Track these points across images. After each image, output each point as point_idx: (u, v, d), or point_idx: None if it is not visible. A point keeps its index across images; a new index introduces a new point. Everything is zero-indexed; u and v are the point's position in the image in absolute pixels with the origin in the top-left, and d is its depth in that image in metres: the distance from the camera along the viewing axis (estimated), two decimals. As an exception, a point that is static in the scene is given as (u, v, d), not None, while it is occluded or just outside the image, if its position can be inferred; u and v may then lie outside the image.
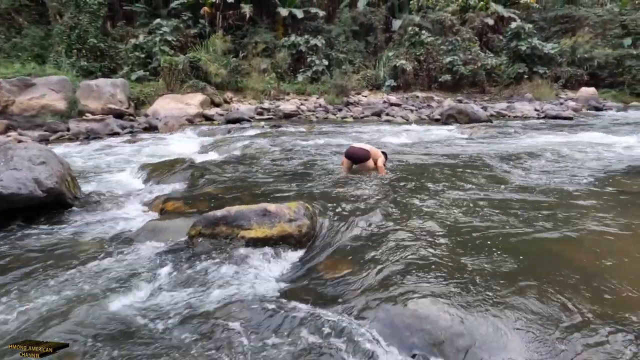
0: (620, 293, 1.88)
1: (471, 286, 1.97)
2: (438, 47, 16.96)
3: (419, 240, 2.51)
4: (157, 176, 4.56)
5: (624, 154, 5.61)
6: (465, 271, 2.12)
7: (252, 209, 2.78)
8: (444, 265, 2.19)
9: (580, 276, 2.04)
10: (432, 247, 2.41)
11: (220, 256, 2.48)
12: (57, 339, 1.71)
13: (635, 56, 17.84)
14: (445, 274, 2.09)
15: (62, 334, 1.75)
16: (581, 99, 15.69)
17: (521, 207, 3.15)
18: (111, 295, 2.07)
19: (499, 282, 2.00)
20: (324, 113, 13.57)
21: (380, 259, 2.31)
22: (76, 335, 1.74)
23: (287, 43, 16.68)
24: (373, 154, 4.45)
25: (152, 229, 2.84)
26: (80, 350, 1.66)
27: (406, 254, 2.33)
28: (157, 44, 14.25)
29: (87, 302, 2.00)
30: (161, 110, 11.80)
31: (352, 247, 2.54)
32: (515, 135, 7.97)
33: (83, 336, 1.74)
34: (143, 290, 2.12)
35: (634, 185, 3.81)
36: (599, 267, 2.12)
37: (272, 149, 6.45)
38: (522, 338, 1.63)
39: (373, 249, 2.46)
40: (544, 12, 20.83)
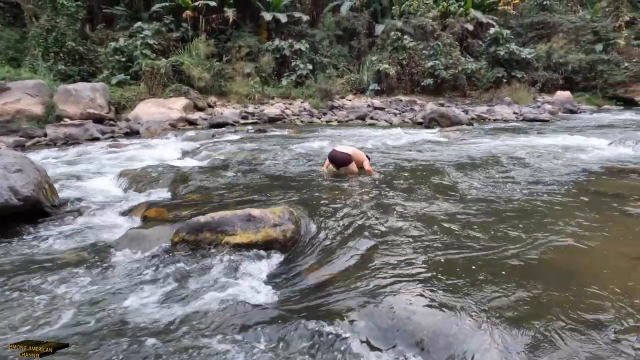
0: (595, 292, 1.96)
1: (452, 287, 2.02)
2: (420, 52, 17.27)
3: (402, 243, 2.55)
4: (138, 182, 4.48)
5: (597, 156, 5.83)
6: (447, 272, 2.17)
7: (236, 215, 2.77)
8: (427, 267, 2.23)
9: (557, 275, 2.12)
10: (414, 249, 2.46)
11: (204, 263, 2.46)
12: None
13: (606, 61, 18.61)
14: (427, 275, 2.14)
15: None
16: (557, 102, 16.25)
17: (500, 208, 3.25)
18: (90, 306, 2.02)
19: (479, 283, 2.06)
20: (308, 117, 13.60)
21: (364, 262, 2.34)
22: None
23: (271, 47, 16.67)
24: (356, 157, 4.49)
25: (133, 237, 2.79)
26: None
27: (389, 257, 2.37)
28: (138, 48, 14.00)
29: (64, 314, 1.95)
30: (143, 115, 11.58)
31: (336, 251, 2.56)
32: (495, 138, 8.18)
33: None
34: (123, 300, 2.08)
35: (607, 186, 3.98)
36: (575, 267, 2.21)
37: (256, 153, 6.43)
38: (500, 335, 1.68)
39: (357, 252, 2.49)
40: (521, 19, 21.50)
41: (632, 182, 4.06)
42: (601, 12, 20.61)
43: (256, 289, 2.24)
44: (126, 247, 2.68)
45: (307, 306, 2.04)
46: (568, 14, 20.90)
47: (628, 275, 2.10)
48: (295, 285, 2.31)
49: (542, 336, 1.66)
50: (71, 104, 10.77)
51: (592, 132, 8.28)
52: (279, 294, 2.19)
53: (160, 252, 2.60)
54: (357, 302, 1.98)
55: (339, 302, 2.02)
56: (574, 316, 1.76)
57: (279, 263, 2.59)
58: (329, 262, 2.46)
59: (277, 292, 2.21)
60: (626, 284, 2.00)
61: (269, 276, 2.43)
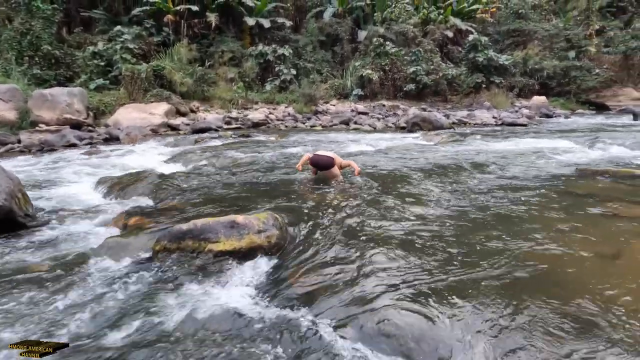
0: (570, 292, 2.02)
1: (437, 292, 2.04)
2: (402, 58, 17.58)
3: (387, 249, 2.57)
4: (118, 190, 4.37)
5: (572, 158, 6.05)
6: (431, 277, 2.20)
7: (219, 221, 2.73)
8: (411, 272, 2.25)
9: (534, 276, 2.17)
10: (399, 255, 2.48)
11: (186, 271, 2.41)
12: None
13: (579, 67, 19.41)
14: (412, 281, 2.16)
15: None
16: (534, 107, 16.80)
17: (479, 211, 3.32)
18: (66, 320, 1.94)
19: (462, 288, 2.09)
20: (293, 122, 13.60)
21: (349, 268, 2.34)
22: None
23: (255, 52, 16.64)
24: (337, 161, 4.52)
25: (112, 246, 2.71)
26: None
27: (374, 262, 2.38)
28: (117, 52, 13.73)
29: (39, 328, 1.87)
30: (123, 120, 11.33)
31: (321, 257, 2.56)
32: (475, 142, 8.38)
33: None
34: (99, 313, 2.01)
35: (581, 187, 4.12)
36: (551, 268, 2.27)
37: (240, 158, 6.38)
38: (483, 339, 1.71)
39: (342, 258, 2.49)
40: (498, 26, 22.21)
41: (604, 184, 4.23)
42: (573, 21, 21.51)
43: (240, 297, 2.21)
44: (104, 257, 2.60)
45: (293, 314, 2.03)
46: (542, 22, 21.70)
47: (601, 274, 2.17)
48: (280, 292, 2.28)
49: (522, 337, 1.69)
50: (47, 109, 10.43)
51: (567, 136, 8.58)
52: (264, 302, 2.16)
53: (141, 261, 2.53)
54: (343, 309, 1.98)
55: (324, 309, 2.01)
56: (551, 316, 1.81)
57: (263, 270, 2.56)
58: (315, 268, 2.45)
59: (262, 300, 2.19)
60: (599, 283, 2.07)
61: (253, 284, 2.40)
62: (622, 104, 18.40)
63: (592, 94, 19.49)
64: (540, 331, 1.72)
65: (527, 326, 1.76)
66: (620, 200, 3.52)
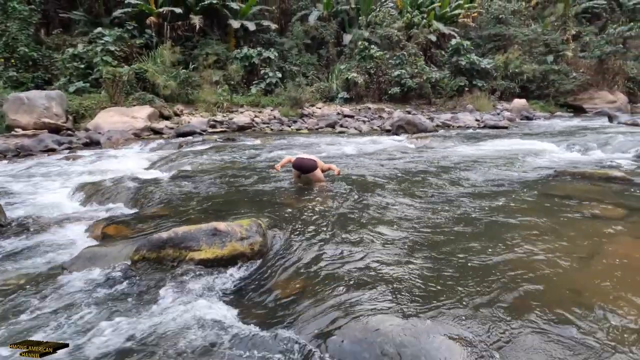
0: (549, 292, 2.06)
1: (419, 296, 2.05)
2: (387, 61, 17.76)
3: (370, 253, 2.57)
4: (97, 197, 4.25)
5: (550, 160, 6.22)
6: (414, 281, 2.21)
7: (201, 229, 2.69)
8: (394, 277, 2.26)
9: (514, 277, 2.21)
10: (382, 259, 2.48)
11: (166, 281, 2.36)
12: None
13: (557, 71, 20.00)
14: (395, 286, 2.16)
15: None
16: (515, 110, 17.22)
17: (461, 214, 3.36)
18: (33, 335, 1.86)
19: (444, 291, 2.10)
20: (278, 125, 13.55)
21: (332, 274, 2.34)
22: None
23: (240, 55, 16.53)
24: (320, 163, 4.54)
25: (89, 257, 2.63)
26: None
27: (357, 268, 2.38)
28: (98, 54, 13.41)
29: (4, 343, 1.79)
30: (104, 124, 11.07)
31: (304, 263, 2.54)
32: (458, 144, 8.52)
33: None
34: (74, 326, 1.94)
35: (559, 189, 4.23)
36: (530, 268, 2.32)
37: (225, 163, 6.31)
38: (467, 342, 1.72)
39: (325, 263, 2.48)
40: (480, 31, 22.68)
41: (581, 185, 4.35)
42: (551, 26, 22.16)
43: (222, 306, 2.17)
44: (81, 267, 2.52)
45: (276, 322, 2.00)
46: (522, 27, 22.26)
47: (577, 274, 2.23)
48: (263, 301, 2.26)
49: (505, 338, 1.71)
50: (24, 113, 10.12)
51: (546, 138, 8.81)
52: (246, 311, 2.13)
53: (119, 272, 2.46)
54: (326, 316, 1.96)
55: (307, 317, 2.00)
56: (531, 316, 1.84)
57: (246, 278, 2.53)
58: (298, 275, 2.43)
59: (244, 309, 2.16)
60: (576, 282, 2.12)
61: (236, 292, 2.36)
62: (597, 106, 19.03)
63: (570, 97, 20.10)
64: (518, 330, 1.74)
65: (507, 325, 1.78)
66: (596, 202, 3.62)
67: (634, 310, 1.86)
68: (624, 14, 23.94)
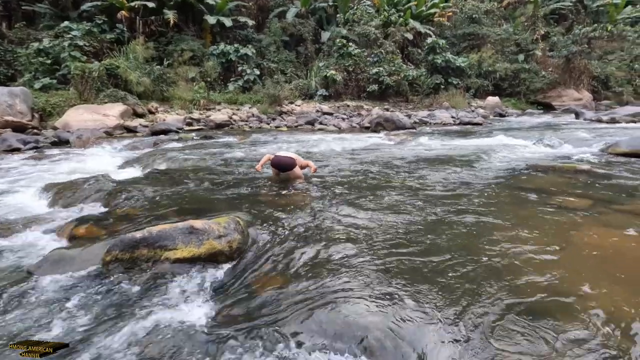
0: (523, 282, 2.13)
1: (397, 288, 2.07)
2: (365, 59, 17.90)
3: (349, 248, 2.57)
4: (66, 197, 4.06)
5: (522, 155, 6.44)
6: (393, 273, 2.22)
7: (176, 228, 2.61)
8: (374, 270, 2.27)
9: (488, 268, 2.26)
10: (361, 253, 2.49)
11: (141, 282, 2.27)
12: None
13: (527, 70, 20.78)
14: (375, 278, 2.17)
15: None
16: (488, 107, 17.78)
17: (436, 208, 3.43)
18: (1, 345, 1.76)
19: (423, 282, 2.13)
20: (257, 123, 13.41)
21: (313, 269, 2.32)
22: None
23: (216, 52, 16.22)
24: (299, 161, 4.51)
25: (57, 259, 2.50)
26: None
27: (337, 262, 2.38)
28: (66, 49, 12.83)
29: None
30: (73, 123, 10.61)
31: (284, 260, 2.51)
32: (435, 141, 8.69)
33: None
34: (43, 335, 1.83)
35: (530, 182, 4.38)
36: (504, 260, 2.38)
37: (202, 161, 6.17)
38: (445, 330, 1.74)
39: (304, 259, 2.46)
40: (454, 30, 23.23)
41: (551, 178, 4.52)
42: (521, 26, 22.97)
43: (201, 307, 2.12)
44: (48, 271, 2.39)
45: (256, 320, 1.97)
46: (494, 26, 22.97)
47: (547, 263, 2.31)
48: (243, 299, 2.22)
49: (482, 327, 1.75)
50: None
51: (518, 134, 9.13)
52: (226, 311, 2.08)
53: (89, 274, 2.35)
54: (307, 311, 1.95)
55: (288, 313, 1.97)
56: (506, 305, 1.89)
57: (225, 276, 2.47)
58: (278, 272, 2.40)
59: (223, 308, 2.11)
60: (547, 273, 2.20)
61: (215, 291, 2.31)
62: (565, 104, 19.92)
63: (540, 95, 20.94)
64: (495, 319, 1.79)
65: (483, 314, 1.82)
66: (565, 194, 3.77)
67: (602, 296, 1.94)
68: (588, 16, 25.14)
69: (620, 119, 12.00)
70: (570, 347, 1.61)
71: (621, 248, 2.47)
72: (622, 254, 2.38)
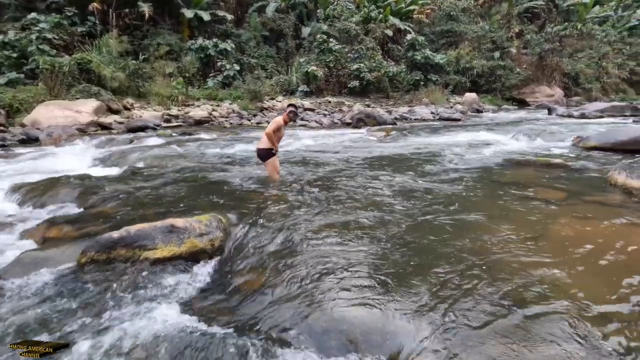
0: (500, 272, 2.19)
1: (381, 284, 2.09)
2: (345, 55, 17.91)
3: (332, 244, 2.57)
4: (36, 198, 3.87)
5: (499, 150, 6.61)
6: (376, 270, 2.24)
7: (156, 227, 2.54)
8: (357, 266, 2.28)
9: (468, 259, 2.31)
10: (344, 250, 2.50)
11: (119, 284, 2.20)
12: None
13: (503, 67, 21.35)
14: (358, 275, 2.18)
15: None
16: (466, 103, 18.16)
17: (416, 203, 3.48)
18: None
19: (405, 276, 2.16)
20: (238, 119, 13.20)
21: (295, 266, 2.31)
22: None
23: (195, 46, 15.84)
24: (270, 136, 4.30)
25: (29, 262, 2.38)
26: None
27: (320, 259, 2.37)
28: (33, 42, 12.21)
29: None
30: (43, 120, 10.12)
31: (267, 257, 2.49)
32: (415, 136, 8.81)
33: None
34: (13, 341, 1.75)
35: (507, 176, 4.51)
36: (483, 250, 2.44)
37: (181, 158, 6.02)
38: (427, 324, 1.77)
39: (288, 256, 2.45)
40: (433, 27, 23.55)
41: (527, 172, 4.67)
42: (497, 24, 23.54)
43: (182, 306, 2.07)
44: (19, 274, 2.27)
45: (240, 319, 1.94)
46: (471, 24, 23.44)
47: (526, 253, 2.38)
48: (226, 297, 2.18)
49: (462, 318, 1.79)
50: (-57, 107, 8.96)
51: (494, 129, 9.37)
52: (208, 311, 2.04)
53: (64, 277, 2.25)
54: (291, 309, 1.94)
55: (272, 311, 1.96)
56: (485, 294, 1.94)
57: (208, 275, 2.43)
58: (261, 269, 2.38)
59: (206, 308, 2.07)
60: (525, 261, 2.27)
61: (197, 291, 2.26)
62: (539, 100, 20.59)
63: (515, 91, 21.56)
64: (475, 311, 1.83)
65: (464, 306, 1.85)
66: (540, 186, 3.90)
67: (576, 283, 2.02)
68: (559, 15, 26.03)
69: (590, 114, 12.53)
70: (545, 331, 1.66)
71: (591, 237, 2.58)
72: (593, 243, 2.48)
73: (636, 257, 2.30)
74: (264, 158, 4.38)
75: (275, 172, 4.44)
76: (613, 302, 1.86)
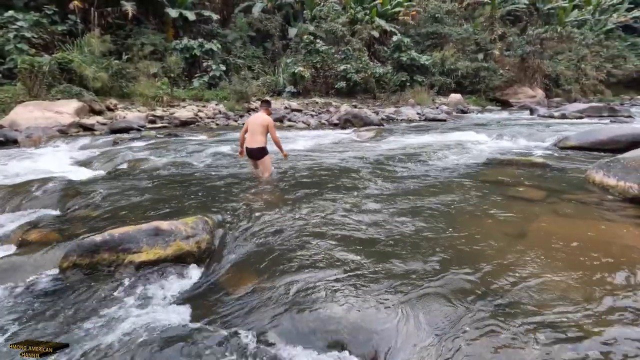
0: (485, 269, 2.24)
1: (368, 282, 2.11)
2: (332, 56, 17.97)
3: (320, 243, 2.58)
4: (15, 200, 3.76)
5: (483, 149, 6.75)
6: (364, 268, 2.26)
7: (141, 230, 2.50)
8: (345, 266, 2.29)
9: (454, 257, 2.36)
10: (332, 249, 2.51)
11: (102, 289, 2.15)
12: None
13: (487, 68, 21.78)
14: (346, 274, 2.20)
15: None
16: (451, 104, 18.44)
17: (403, 201, 3.52)
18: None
19: (392, 274, 2.18)
20: (224, 120, 13.09)
21: (284, 267, 2.31)
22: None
23: (180, 46, 15.63)
24: (266, 129, 4.42)
25: (7, 267, 2.31)
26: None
27: (308, 259, 2.38)
28: (11, 41, 11.84)
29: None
30: (22, 121, 9.82)
31: (255, 258, 2.48)
32: (402, 137, 8.91)
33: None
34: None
35: (491, 175, 4.61)
36: (467, 248, 2.49)
37: (167, 160, 5.94)
38: (414, 320, 1.80)
39: (275, 257, 2.44)
40: (418, 28, 23.86)
41: (510, 171, 4.78)
42: (480, 26, 24.01)
43: (169, 310, 2.04)
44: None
45: (227, 321, 1.93)
46: (456, 26, 23.83)
47: (508, 251, 2.44)
48: (214, 300, 2.16)
49: (449, 314, 1.82)
50: None
51: (479, 129, 9.55)
52: (196, 314, 2.02)
53: (44, 283, 2.20)
54: (279, 309, 1.93)
55: (260, 312, 1.95)
56: (470, 291, 1.98)
57: (194, 278, 2.40)
58: (248, 270, 2.37)
59: (194, 312, 2.04)
60: (508, 258, 2.33)
61: (184, 295, 2.23)
62: (521, 101, 21.08)
63: (498, 92, 22.03)
64: (460, 306, 1.86)
65: (450, 303, 1.89)
66: (522, 185, 4.00)
67: (556, 280, 2.08)
68: (540, 18, 26.71)
69: (570, 114, 12.90)
70: (524, 324, 1.71)
71: (570, 234, 2.66)
72: (571, 239, 2.56)
73: (612, 252, 2.38)
74: (259, 156, 4.41)
75: (268, 171, 4.48)
76: (588, 296, 1.93)
